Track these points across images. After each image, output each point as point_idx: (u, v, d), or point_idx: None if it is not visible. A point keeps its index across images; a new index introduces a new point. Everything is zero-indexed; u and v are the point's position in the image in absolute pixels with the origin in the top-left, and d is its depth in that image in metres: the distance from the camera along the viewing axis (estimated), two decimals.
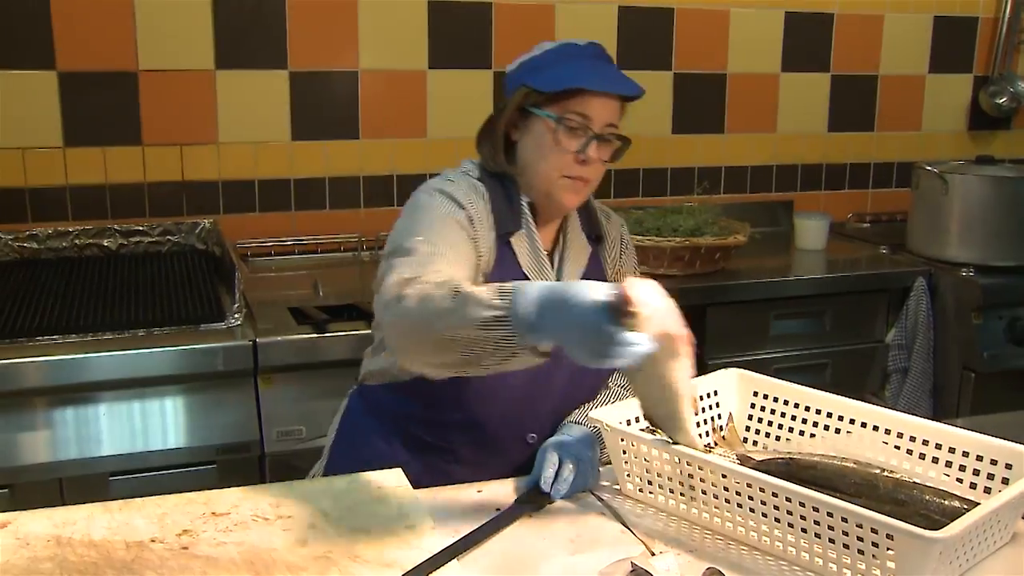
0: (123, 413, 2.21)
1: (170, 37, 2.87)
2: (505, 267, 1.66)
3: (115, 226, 2.89)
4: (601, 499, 1.59)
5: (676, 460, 1.49)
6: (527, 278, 1.66)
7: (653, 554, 1.41)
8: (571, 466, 1.56)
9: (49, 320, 2.34)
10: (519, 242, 1.68)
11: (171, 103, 2.90)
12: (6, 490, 2.14)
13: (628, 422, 1.60)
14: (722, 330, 2.90)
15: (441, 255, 1.47)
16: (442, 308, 1.26)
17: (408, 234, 1.53)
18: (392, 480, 1.56)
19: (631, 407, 1.62)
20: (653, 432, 1.49)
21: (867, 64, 3.72)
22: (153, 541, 1.36)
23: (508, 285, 1.25)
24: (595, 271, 1.77)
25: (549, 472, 1.55)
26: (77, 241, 2.86)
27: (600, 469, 1.65)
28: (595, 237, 1.79)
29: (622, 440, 1.57)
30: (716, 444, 1.69)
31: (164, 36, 2.87)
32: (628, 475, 1.59)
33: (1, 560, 1.32)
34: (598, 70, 1.63)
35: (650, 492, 1.56)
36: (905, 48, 3.75)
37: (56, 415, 2.19)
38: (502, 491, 1.61)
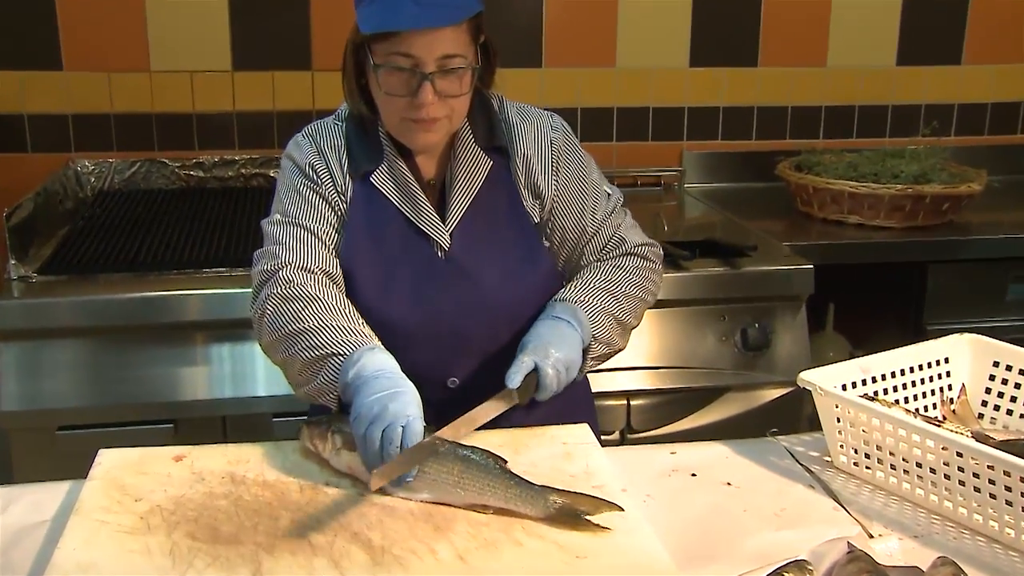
0: None
1: None
2: (370, 207, 1.65)
3: None
4: (810, 471, 1.56)
5: (902, 433, 1.44)
6: (401, 214, 1.65)
7: (872, 536, 1.37)
8: (551, 372, 1.57)
9: (215, 252, 2.46)
10: (381, 179, 1.65)
11: (344, 26, 2.97)
12: (171, 425, 2.28)
13: (844, 387, 1.56)
14: (946, 292, 2.78)
15: (293, 235, 1.64)
16: (288, 353, 1.56)
17: (272, 209, 1.70)
18: (579, 435, 1.58)
19: (848, 370, 1.58)
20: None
21: None
22: (327, 485, 1.42)
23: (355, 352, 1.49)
24: (499, 188, 1.69)
25: (518, 377, 1.55)
26: (243, 171, 2.99)
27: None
28: (495, 149, 1.69)
29: (836, 407, 1.53)
30: (945, 419, 1.63)
31: None
32: (842, 446, 1.55)
33: (178, 493, 1.41)
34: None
35: (867, 467, 1.52)
36: None
37: (214, 351, 2.31)
38: (696, 454, 1.61)
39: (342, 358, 1.49)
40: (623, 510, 1.32)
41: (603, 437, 1.66)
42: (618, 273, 1.74)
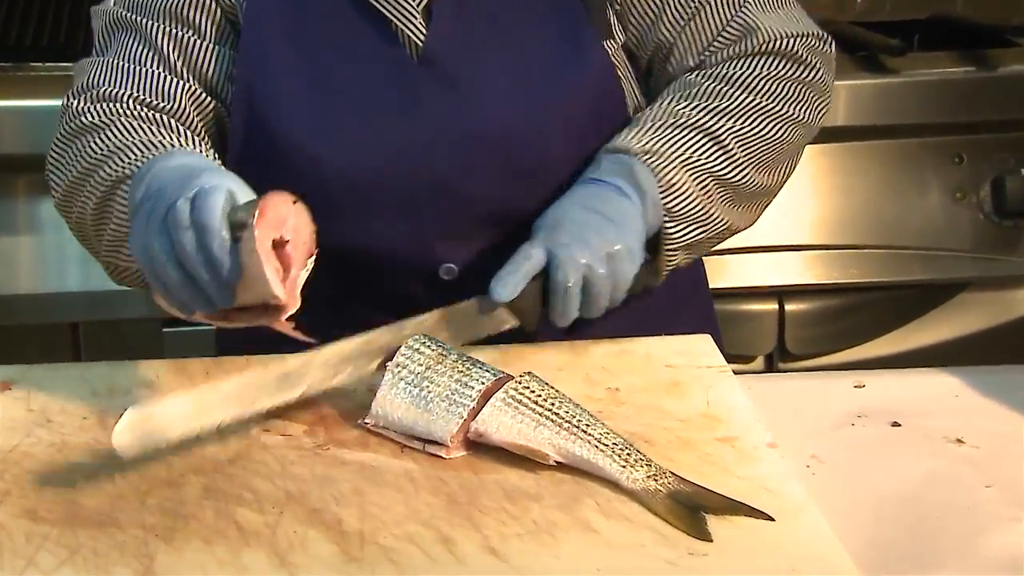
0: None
1: None
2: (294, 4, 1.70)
3: None
4: None
5: None
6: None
7: None
8: (571, 276, 1.59)
9: (45, 35, 2.54)
10: None
11: None
12: None
13: None
14: None
15: (117, 40, 1.75)
16: (77, 211, 1.68)
17: None
18: (694, 353, 1.64)
19: None
20: None
21: None
22: (268, 432, 1.48)
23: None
24: None
25: (514, 277, 1.59)
26: None
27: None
28: None
29: None
30: None
31: None
32: None
33: (5, 445, 1.46)
34: None
35: None
36: None
37: (46, 208, 2.38)
38: (900, 390, 1.66)
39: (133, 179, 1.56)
40: (772, 519, 1.34)
41: (736, 366, 1.70)
42: (730, 94, 1.71)
